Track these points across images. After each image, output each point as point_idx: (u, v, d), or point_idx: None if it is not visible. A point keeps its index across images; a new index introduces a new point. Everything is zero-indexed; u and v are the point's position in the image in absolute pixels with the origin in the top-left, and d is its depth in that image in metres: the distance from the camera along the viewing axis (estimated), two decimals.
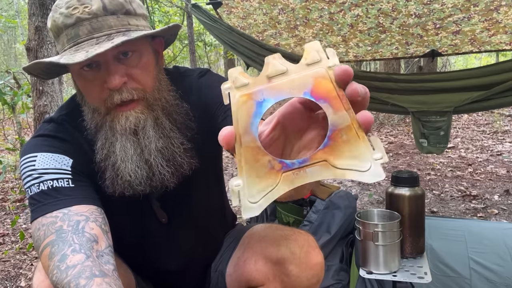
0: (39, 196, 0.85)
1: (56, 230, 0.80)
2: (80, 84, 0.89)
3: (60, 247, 0.78)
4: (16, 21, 10.47)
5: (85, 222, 0.83)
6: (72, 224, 0.81)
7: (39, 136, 0.93)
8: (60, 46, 0.85)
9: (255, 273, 1.07)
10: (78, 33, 0.82)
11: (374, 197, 3.39)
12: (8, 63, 12.76)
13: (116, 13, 0.84)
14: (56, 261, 0.77)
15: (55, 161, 0.88)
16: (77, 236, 0.80)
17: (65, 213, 0.83)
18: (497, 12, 2.13)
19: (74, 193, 0.86)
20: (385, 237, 1.38)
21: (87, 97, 0.89)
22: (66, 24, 0.82)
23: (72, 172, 0.89)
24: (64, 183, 0.86)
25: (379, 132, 6.47)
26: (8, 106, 3.72)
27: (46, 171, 0.87)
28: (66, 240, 0.79)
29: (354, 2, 2.25)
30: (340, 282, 1.72)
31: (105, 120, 0.88)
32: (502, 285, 1.59)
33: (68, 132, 0.94)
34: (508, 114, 6.86)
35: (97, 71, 0.85)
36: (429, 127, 2.11)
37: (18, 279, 2.20)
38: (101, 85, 0.85)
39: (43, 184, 0.85)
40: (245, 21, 2.61)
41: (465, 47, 2.50)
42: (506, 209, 3.01)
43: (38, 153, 0.89)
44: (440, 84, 2.05)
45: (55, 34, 0.86)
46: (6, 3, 14.05)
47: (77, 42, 0.82)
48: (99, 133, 0.90)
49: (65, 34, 0.83)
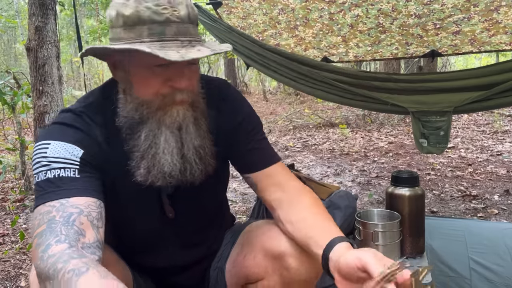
0: (44, 183, 0.88)
1: (48, 220, 0.83)
2: (140, 77, 0.92)
3: (47, 237, 0.80)
4: (16, 21, 10.47)
5: (78, 215, 0.84)
6: (64, 216, 0.83)
7: (56, 124, 0.97)
8: (132, 35, 0.88)
9: (255, 267, 1.09)
10: (164, 32, 0.87)
11: (374, 197, 3.39)
12: (8, 63, 12.75)
13: (193, 23, 0.93)
14: (40, 251, 0.78)
15: (66, 151, 0.91)
16: (65, 228, 0.81)
17: (62, 203, 0.85)
18: (497, 12, 2.13)
19: (77, 183, 0.89)
20: (385, 237, 1.38)
21: (141, 89, 0.93)
22: (154, 19, 0.86)
23: (80, 163, 0.91)
24: (70, 173, 0.89)
25: (379, 132, 6.48)
26: (8, 106, 3.72)
27: (56, 159, 0.90)
28: (54, 231, 0.81)
29: (354, 2, 2.25)
30: None
31: (155, 113, 0.92)
32: (502, 285, 1.59)
33: (85, 122, 0.97)
34: (508, 114, 6.86)
35: (166, 69, 0.90)
36: (429, 127, 2.11)
37: (18, 279, 2.20)
38: (164, 82, 0.91)
39: (50, 172, 0.88)
40: (245, 21, 2.61)
41: (465, 48, 2.50)
42: (506, 209, 3.01)
43: (52, 141, 0.92)
44: (440, 84, 2.05)
45: (130, 23, 0.87)
46: (6, 3, 14.06)
47: (162, 39, 0.87)
48: (141, 124, 0.94)
49: (148, 28, 0.87)
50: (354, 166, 4.52)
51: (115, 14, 0.89)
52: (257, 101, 12.24)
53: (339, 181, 3.92)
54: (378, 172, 4.20)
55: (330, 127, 7.08)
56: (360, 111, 7.13)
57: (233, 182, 4.05)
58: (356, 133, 6.49)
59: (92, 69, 13.86)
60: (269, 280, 1.08)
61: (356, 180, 3.94)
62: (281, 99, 12.06)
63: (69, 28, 15.09)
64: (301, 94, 11.17)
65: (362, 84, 2.13)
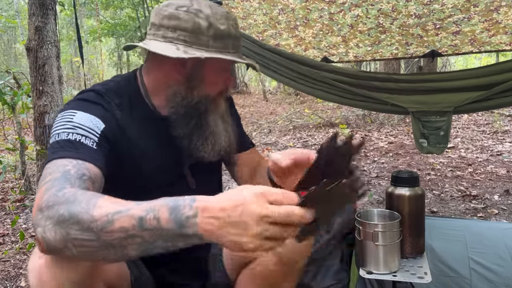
0: (64, 142, 0.94)
1: (64, 171, 0.87)
2: (212, 78, 1.13)
3: (61, 182, 0.83)
4: (16, 21, 10.47)
5: (88, 178, 0.89)
6: (79, 173, 0.88)
7: (81, 100, 1.06)
8: (222, 45, 1.08)
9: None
10: (238, 45, 1.14)
11: (374, 197, 3.39)
12: (8, 63, 12.75)
13: None
14: (55, 191, 0.79)
15: (90, 122, 1.00)
16: (79, 181, 0.86)
17: (79, 163, 0.90)
18: (497, 12, 2.13)
19: (93, 154, 0.96)
20: (385, 237, 1.38)
21: (210, 87, 1.13)
22: (235, 35, 1.12)
23: (100, 136, 1.00)
24: (89, 142, 0.97)
25: (379, 132, 6.48)
26: (8, 106, 3.72)
27: (81, 126, 0.98)
28: (69, 180, 0.84)
29: (354, 2, 2.25)
30: (340, 282, 1.72)
31: (212, 104, 1.14)
32: (502, 285, 1.59)
33: (106, 102, 1.08)
34: (508, 114, 6.86)
35: (226, 72, 1.15)
36: (429, 127, 2.11)
37: (18, 279, 2.20)
38: (223, 82, 1.15)
39: (73, 135, 0.96)
40: (245, 21, 2.61)
41: (465, 48, 2.50)
42: (506, 209, 3.01)
43: (79, 111, 1.01)
44: (440, 84, 2.05)
45: (221, 36, 1.08)
46: (6, 3, 14.06)
47: (237, 51, 1.14)
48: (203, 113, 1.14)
49: (232, 41, 1.11)
50: None
51: (207, 25, 1.05)
52: (257, 101, 12.24)
53: None
54: (378, 172, 4.20)
55: (330, 127, 7.09)
56: (360, 111, 7.13)
57: (233, 182, 4.05)
58: (356, 133, 6.49)
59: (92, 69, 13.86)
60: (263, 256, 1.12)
61: None
62: (281, 99, 12.06)
63: (69, 28, 15.10)
64: (301, 94, 11.17)
65: (362, 84, 2.13)
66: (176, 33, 1.05)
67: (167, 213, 0.68)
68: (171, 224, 0.68)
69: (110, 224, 0.70)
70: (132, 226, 0.69)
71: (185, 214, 0.68)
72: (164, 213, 0.68)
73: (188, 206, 0.68)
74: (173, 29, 1.05)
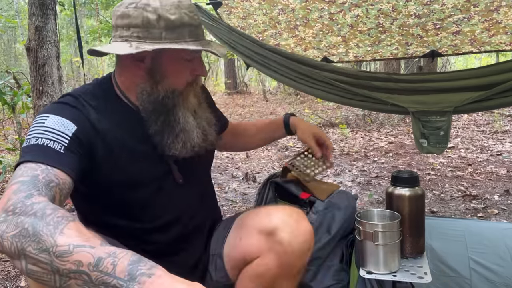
0: (34, 146, 0.96)
1: (32, 175, 0.88)
2: (173, 70, 1.12)
3: (29, 188, 0.84)
4: (16, 21, 10.47)
5: (56, 185, 0.91)
6: (46, 179, 0.89)
7: (57, 103, 1.10)
8: (175, 35, 1.07)
9: (250, 247, 1.17)
10: (198, 33, 1.12)
11: (374, 197, 3.39)
12: (8, 63, 12.74)
13: None
14: (22, 197, 0.81)
15: (61, 125, 1.01)
16: (45, 188, 0.87)
17: (47, 168, 0.92)
18: (497, 12, 2.13)
19: (61, 158, 0.97)
20: (385, 237, 1.38)
21: (173, 80, 1.13)
22: (191, 23, 1.10)
23: (71, 139, 1.00)
24: (57, 146, 0.97)
25: (379, 132, 6.48)
26: (8, 106, 3.72)
27: (51, 130, 0.99)
28: (36, 186, 0.86)
29: (354, 2, 2.25)
30: (340, 282, 1.72)
31: (180, 98, 1.14)
32: (502, 285, 1.59)
33: (81, 104, 1.09)
34: (508, 114, 6.86)
35: (191, 62, 1.14)
36: (429, 127, 2.11)
37: (18, 279, 2.20)
38: (191, 72, 1.15)
39: (41, 139, 0.97)
40: (245, 21, 2.61)
41: (465, 48, 2.50)
42: (506, 209, 3.01)
43: (51, 115, 1.03)
44: (440, 84, 2.05)
45: (172, 25, 1.07)
46: (6, 3, 14.05)
47: (198, 39, 1.12)
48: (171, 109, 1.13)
49: (189, 30, 1.09)
50: (354, 166, 4.52)
51: (156, 18, 1.05)
52: (257, 101, 12.23)
53: (339, 181, 3.92)
54: (378, 172, 4.20)
55: (330, 127, 7.08)
56: (360, 111, 7.13)
57: (233, 182, 4.05)
58: (356, 133, 6.49)
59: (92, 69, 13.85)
60: (264, 257, 1.14)
61: (356, 180, 3.94)
62: (281, 99, 12.06)
63: (69, 28, 15.08)
64: (301, 94, 11.17)
65: (362, 84, 2.13)
66: (130, 31, 1.07)
67: (126, 263, 0.69)
68: (124, 274, 0.68)
69: (68, 255, 0.71)
70: (87, 263, 0.70)
71: (142, 270, 0.68)
72: (123, 262, 0.69)
73: (149, 265, 0.70)
74: (127, 27, 1.07)
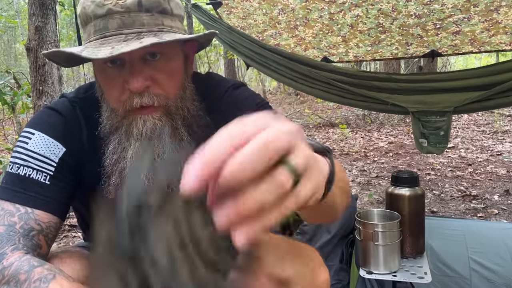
0: (14, 178, 0.82)
1: (8, 224, 0.78)
2: (101, 80, 0.84)
3: (4, 242, 0.76)
4: (16, 21, 10.46)
5: (37, 232, 0.80)
6: (25, 228, 0.79)
7: (49, 109, 0.90)
8: (86, 36, 0.81)
9: None
10: (107, 26, 0.77)
11: (374, 197, 3.39)
12: (8, 63, 12.75)
13: (151, 10, 0.79)
14: None
15: (47, 148, 0.84)
16: (24, 239, 0.78)
17: (27, 211, 0.80)
18: (497, 12, 2.13)
19: (44, 191, 0.82)
20: (385, 237, 1.38)
21: (107, 95, 0.84)
22: (96, 14, 0.78)
23: (57, 165, 0.84)
24: (41, 177, 0.82)
25: (379, 132, 6.47)
26: (8, 106, 3.72)
27: (35, 155, 0.83)
28: (12, 239, 0.76)
29: (354, 2, 2.25)
30: (340, 282, 1.72)
31: (122, 123, 0.82)
32: (502, 285, 1.59)
33: (75, 116, 0.90)
34: (508, 114, 6.86)
35: (121, 69, 0.80)
36: (429, 127, 2.11)
37: None
38: (122, 85, 0.80)
39: (23, 168, 0.82)
40: (245, 21, 2.61)
41: (465, 48, 2.50)
42: (506, 209, 3.01)
43: (36, 132, 0.85)
44: (440, 84, 2.05)
45: (83, 22, 0.82)
46: (6, 3, 14.05)
47: (104, 36, 0.78)
48: (112, 135, 0.84)
49: (93, 24, 0.79)
50: (354, 166, 4.51)
51: (79, 12, 0.82)
52: None
53: None
54: (378, 172, 4.20)
55: (330, 127, 7.08)
56: (360, 111, 7.13)
57: None
58: (356, 133, 6.49)
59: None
60: None
61: (356, 180, 3.94)
62: (281, 99, 12.06)
63: (69, 28, 15.08)
64: (301, 94, 11.17)
65: (362, 84, 2.13)
66: (86, 32, 0.84)
67: None
68: None
69: None
70: None
71: None
72: None
73: None
74: (84, 27, 0.85)
